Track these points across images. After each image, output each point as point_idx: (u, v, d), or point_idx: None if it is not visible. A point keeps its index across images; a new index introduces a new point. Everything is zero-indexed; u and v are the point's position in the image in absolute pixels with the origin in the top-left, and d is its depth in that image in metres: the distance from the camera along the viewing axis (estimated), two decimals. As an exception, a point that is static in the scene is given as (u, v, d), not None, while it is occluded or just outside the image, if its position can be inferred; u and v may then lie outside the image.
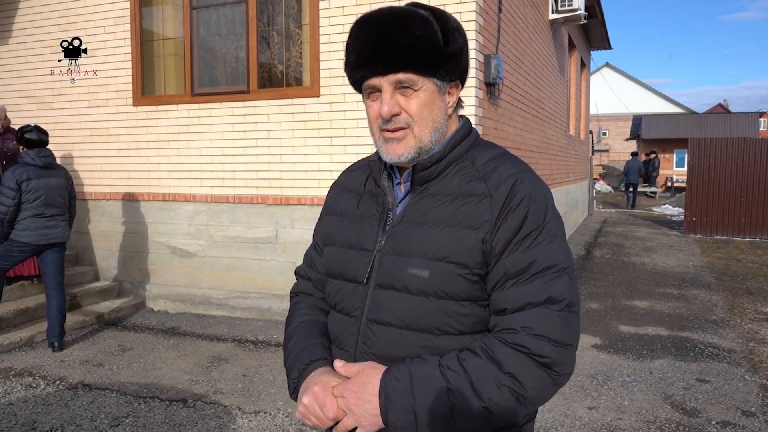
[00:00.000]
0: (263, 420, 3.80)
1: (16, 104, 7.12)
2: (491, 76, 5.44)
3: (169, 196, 6.41)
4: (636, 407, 3.98)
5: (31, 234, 5.01)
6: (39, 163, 5.06)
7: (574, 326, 1.22)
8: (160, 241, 6.52)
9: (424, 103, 1.26)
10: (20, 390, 4.29)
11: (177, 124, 6.31)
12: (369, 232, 1.34)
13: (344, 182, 1.49)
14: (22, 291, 5.89)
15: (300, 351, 1.38)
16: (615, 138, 39.85)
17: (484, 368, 1.15)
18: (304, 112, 5.76)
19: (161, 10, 6.53)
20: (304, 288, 1.54)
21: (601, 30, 14.12)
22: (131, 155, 6.56)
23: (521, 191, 1.23)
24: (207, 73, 6.38)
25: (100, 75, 6.62)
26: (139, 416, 3.86)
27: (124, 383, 4.43)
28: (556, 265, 1.21)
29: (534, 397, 1.17)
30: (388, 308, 1.27)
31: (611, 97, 36.65)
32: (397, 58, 1.22)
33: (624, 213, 18.44)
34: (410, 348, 1.25)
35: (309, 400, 1.25)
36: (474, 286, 1.22)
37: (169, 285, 6.51)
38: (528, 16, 7.52)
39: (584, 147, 15.42)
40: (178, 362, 4.89)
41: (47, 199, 5.06)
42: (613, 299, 7.02)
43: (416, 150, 1.27)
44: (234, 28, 6.18)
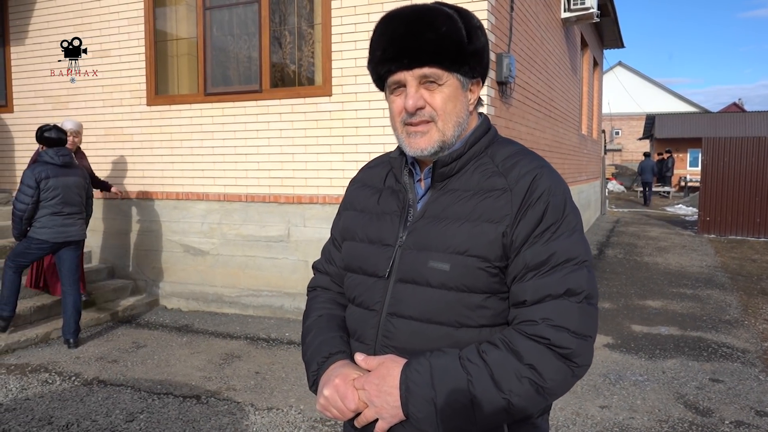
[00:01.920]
0: (276, 417, 3.83)
1: (32, 104, 7.22)
2: (503, 75, 5.44)
3: (182, 195, 6.47)
4: (648, 406, 3.97)
5: (49, 232, 5.08)
6: (57, 162, 5.12)
7: (593, 318, 1.23)
8: (174, 240, 6.58)
9: (448, 98, 1.28)
10: (37, 386, 4.35)
11: (190, 124, 6.37)
12: (390, 227, 1.36)
13: (363, 178, 1.52)
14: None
15: (319, 344, 1.40)
16: (628, 137, 39.59)
17: (504, 360, 1.17)
18: (316, 111, 5.79)
19: (174, 10, 6.58)
20: (322, 282, 1.56)
21: (614, 28, 14.03)
22: (145, 154, 6.62)
23: (541, 186, 1.25)
24: (220, 72, 6.43)
25: (114, 75, 6.68)
26: (153, 412, 3.90)
27: (138, 379, 4.48)
28: (575, 257, 1.23)
29: (553, 388, 1.18)
30: (408, 302, 1.29)
31: (624, 96, 36.40)
32: (422, 52, 1.25)
33: (637, 213, 18.32)
34: (430, 341, 1.26)
35: (330, 392, 1.27)
36: (494, 279, 1.24)
37: (183, 283, 6.57)
38: (540, 14, 7.50)
39: (596, 146, 15.35)
40: (192, 359, 4.94)
41: (65, 198, 5.12)
42: (625, 299, 6.99)
43: (439, 144, 1.29)
44: (246, 28, 6.22)
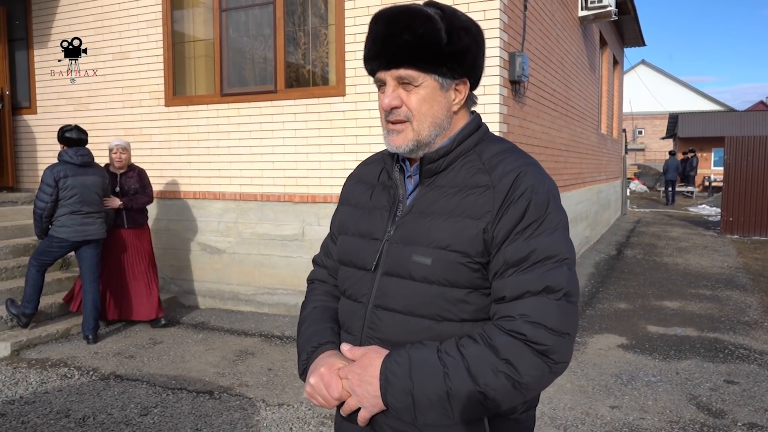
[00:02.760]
0: (286, 412, 3.88)
1: (55, 105, 7.38)
2: (516, 74, 5.43)
3: (199, 194, 6.56)
4: (660, 407, 3.94)
5: (68, 230, 5.19)
6: (76, 162, 5.23)
7: (572, 316, 1.24)
8: (191, 238, 6.68)
9: (424, 99, 1.31)
10: (56, 380, 4.46)
11: (207, 124, 6.46)
12: (379, 222, 1.40)
13: (359, 174, 1.55)
14: (59, 285, 6.11)
15: (310, 335, 1.44)
16: (651, 137, 39.08)
17: (481, 354, 1.19)
18: (329, 111, 5.84)
19: (192, 12, 6.68)
20: (320, 275, 1.61)
21: (634, 26, 13.87)
22: (163, 154, 6.73)
23: (524, 183, 1.26)
24: (236, 73, 6.51)
25: (134, 77, 6.81)
26: (167, 406, 3.98)
27: (153, 375, 4.56)
28: (556, 255, 1.24)
29: (530, 384, 1.19)
30: (393, 295, 1.32)
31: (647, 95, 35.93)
32: (398, 54, 1.28)
33: (659, 213, 18.09)
34: (413, 333, 1.29)
35: (316, 380, 1.31)
36: (475, 274, 1.26)
37: (199, 281, 6.66)
38: (556, 13, 7.46)
39: (617, 146, 15.19)
40: (206, 356, 5.02)
41: (83, 197, 5.23)
42: (642, 299, 6.92)
43: (414, 142, 1.32)
44: (262, 29, 6.29)
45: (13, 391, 4.23)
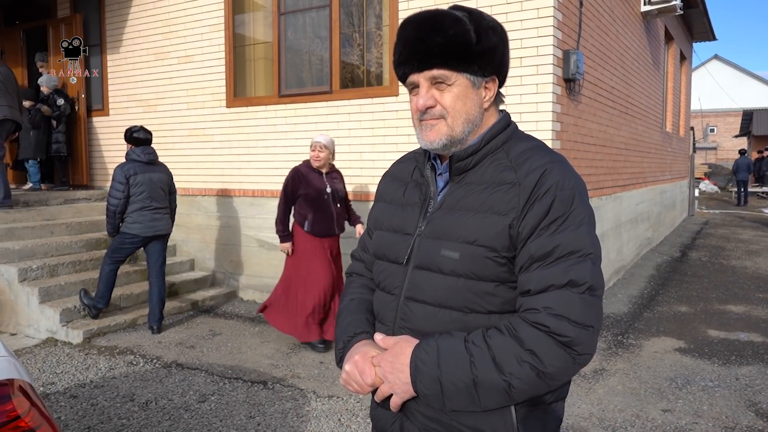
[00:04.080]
0: (336, 404, 3.99)
1: (125, 107, 7.79)
2: (570, 72, 5.36)
3: (257, 192, 6.79)
4: (715, 413, 3.83)
5: (139, 226, 5.45)
6: (144, 159, 5.51)
7: (595, 309, 1.27)
8: (249, 235, 6.92)
9: (457, 96, 1.36)
10: (122, 366, 4.74)
11: (265, 124, 6.68)
12: (411, 217, 1.46)
13: (394, 172, 1.62)
14: (127, 278, 6.45)
15: (346, 325, 1.53)
16: (723, 135, 37.37)
17: (507, 344, 1.24)
18: (383, 110, 5.93)
19: (252, 16, 6.92)
20: (357, 269, 1.69)
21: (703, 20, 13.33)
22: (224, 153, 7.00)
23: (549, 180, 1.30)
24: (293, 74, 6.70)
25: (197, 79, 7.11)
26: (224, 394, 4.17)
27: (212, 364, 4.78)
28: (580, 250, 1.27)
29: (554, 374, 1.24)
30: (423, 287, 1.39)
31: (719, 91, 34.37)
32: (430, 55, 1.34)
33: (729, 214, 17.30)
34: (442, 324, 1.35)
35: (351, 367, 1.40)
36: (502, 268, 1.31)
37: (257, 276, 6.90)
38: (616, 9, 7.30)
39: (683, 144, 14.63)
40: (262, 348, 5.20)
41: (151, 193, 5.49)
42: (705, 303, 6.68)
43: (447, 138, 1.38)
44: (318, 32, 6.45)
45: (84, 376, 4.53)
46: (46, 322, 5.52)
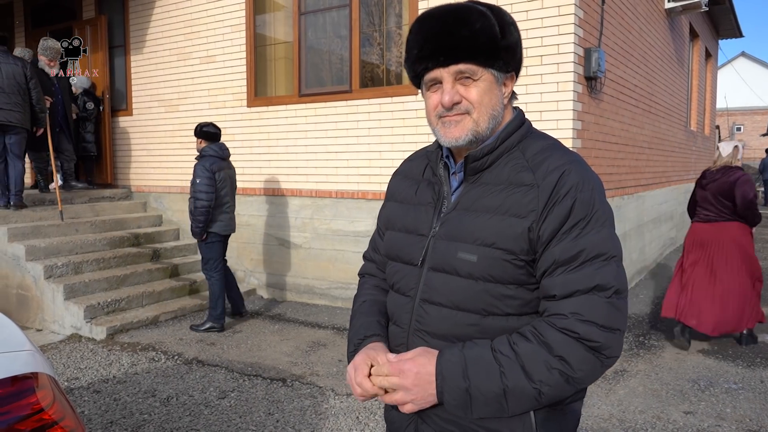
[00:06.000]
0: (353, 402, 4.01)
1: (148, 107, 7.90)
2: (591, 70, 5.31)
3: (277, 191, 6.84)
4: (738, 415, 3.77)
5: (221, 225, 5.42)
6: (222, 155, 5.43)
7: (622, 312, 1.26)
8: (270, 233, 6.97)
9: (484, 91, 1.33)
10: (145, 362, 4.81)
11: (286, 123, 6.72)
12: (425, 218, 1.43)
13: (404, 170, 1.58)
14: (149, 276, 6.54)
15: (358, 327, 1.51)
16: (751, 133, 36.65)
17: (535, 352, 1.23)
18: (402, 109, 5.94)
19: (273, 16, 6.97)
20: (369, 270, 1.67)
21: (730, 17, 13.09)
22: (245, 153, 7.06)
23: (568, 182, 1.27)
24: (313, 74, 6.73)
25: (219, 79, 7.18)
26: (243, 391, 4.21)
27: (232, 361, 4.83)
28: (605, 253, 1.25)
29: (583, 378, 1.24)
30: (439, 289, 1.36)
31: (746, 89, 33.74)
32: (458, 49, 1.30)
33: (755, 214, 16.95)
34: (458, 327, 1.33)
35: (349, 369, 1.40)
36: (520, 270, 1.29)
37: (277, 274, 6.95)
38: (638, 6, 7.21)
39: (709, 143, 14.39)
40: (281, 345, 5.24)
41: (231, 189, 5.45)
42: (729, 304, 6.56)
43: (473, 133, 1.34)
44: (339, 31, 6.48)
45: (107, 371, 4.61)
46: (71, 318, 5.62)
